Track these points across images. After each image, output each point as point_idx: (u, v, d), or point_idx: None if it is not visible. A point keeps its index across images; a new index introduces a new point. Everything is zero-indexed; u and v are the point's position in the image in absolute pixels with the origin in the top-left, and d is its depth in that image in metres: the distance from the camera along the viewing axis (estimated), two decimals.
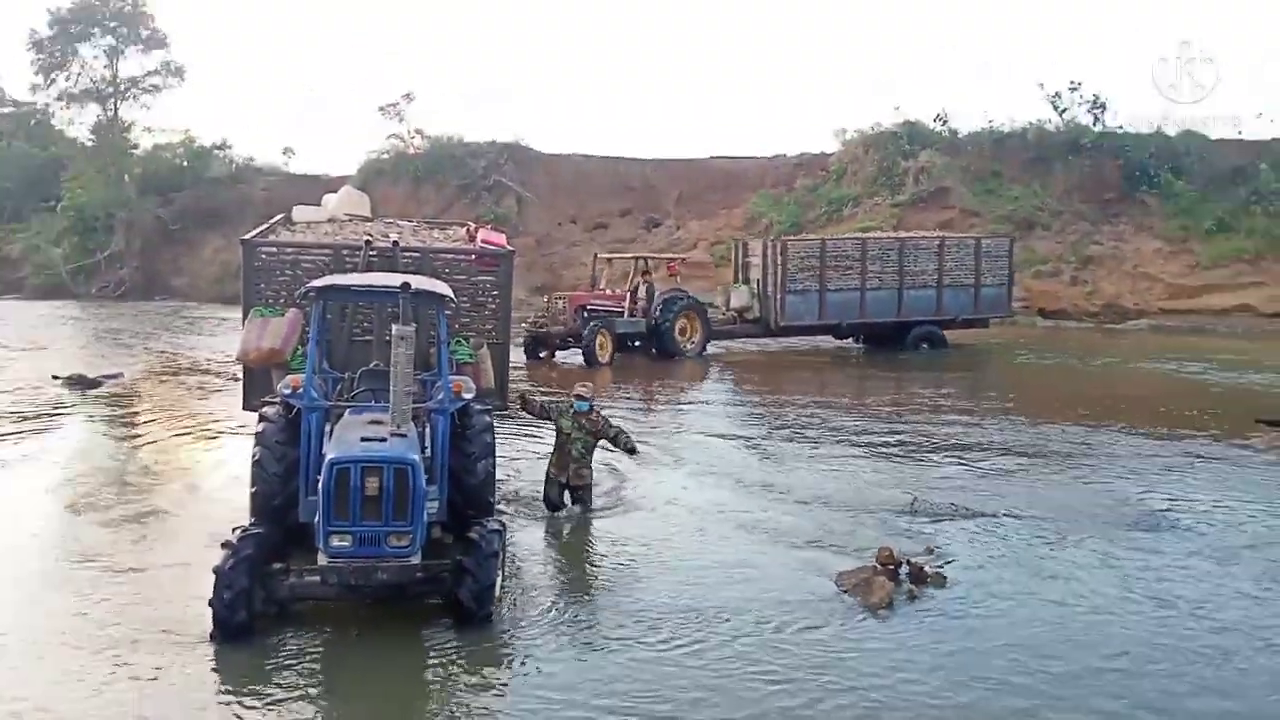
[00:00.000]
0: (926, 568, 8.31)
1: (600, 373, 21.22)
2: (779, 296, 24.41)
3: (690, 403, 18.34)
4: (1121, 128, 38.52)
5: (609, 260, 25.82)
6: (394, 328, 7.44)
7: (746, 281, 25.52)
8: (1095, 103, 39.10)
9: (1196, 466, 12.50)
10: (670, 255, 27.98)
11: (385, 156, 47.53)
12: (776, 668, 6.64)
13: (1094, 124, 39.03)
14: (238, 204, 46.04)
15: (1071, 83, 39.46)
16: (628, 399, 18.12)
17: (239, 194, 48.38)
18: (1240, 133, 37.33)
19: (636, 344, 23.63)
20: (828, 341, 26.58)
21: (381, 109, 47.98)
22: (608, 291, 24.22)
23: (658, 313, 23.35)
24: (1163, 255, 34.37)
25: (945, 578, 8.25)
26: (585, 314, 22.67)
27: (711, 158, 47.49)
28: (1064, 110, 39.44)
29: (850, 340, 26.53)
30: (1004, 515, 10.22)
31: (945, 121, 41.10)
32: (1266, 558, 8.92)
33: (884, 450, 13.50)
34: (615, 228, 45.44)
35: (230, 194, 48.61)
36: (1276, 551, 9.12)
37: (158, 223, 48.59)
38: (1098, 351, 25.72)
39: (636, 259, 25.10)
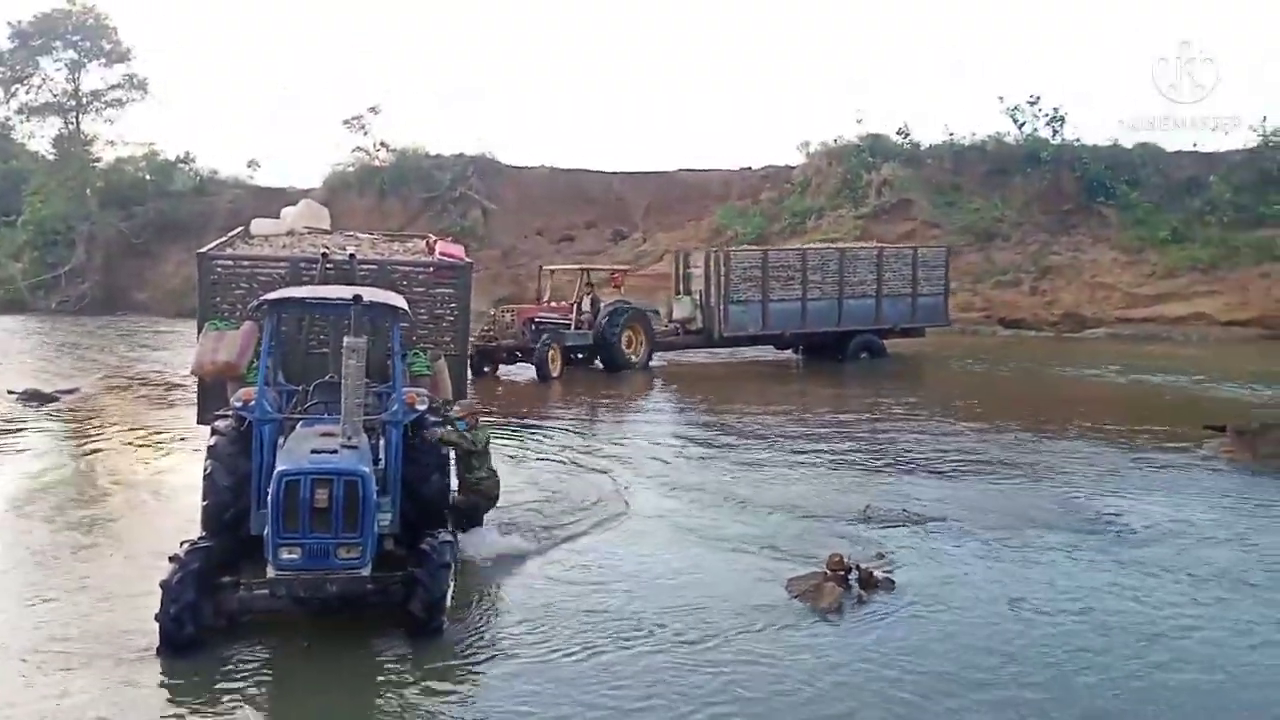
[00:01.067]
0: (876, 573, 8.44)
1: (550, 387, 21.15)
2: (722, 307, 24.49)
3: (640, 414, 18.40)
4: (1079, 140, 39.20)
5: (552, 272, 25.52)
6: (345, 340, 7.47)
7: (689, 292, 25.53)
8: (1054, 116, 39.78)
9: (1144, 472, 12.75)
10: (614, 266, 27.44)
11: (350, 169, 47.36)
12: (715, 672, 6.74)
13: (1052, 136, 39.68)
14: (202, 217, 45.64)
15: (1030, 96, 40.18)
16: (578, 412, 18.17)
17: (203, 207, 48.00)
18: (1195, 145, 38.08)
19: (579, 356, 23.36)
20: (768, 352, 26.67)
21: (346, 122, 47.91)
22: (552, 304, 23.97)
23: (604, 324, 23.14)
24: (1119, 265, 34.94)
25: (894, 583, 8.38)
26: (534, 327, 22.33)
27: (678, 170, 47.78)
28: (1023, 124, 40.10)
29: (790, 351, 26.58)
30: (954, 521, 10.38)
31: (907, 134, 41.68)
32: (1212, 565, 9.14)
33: (837, 458, 13.66)
34: (582, 240, 45.56)
35: (194, 207, 48.21)
36: (1216, 554, 9.34)
37: (120, 236, 48.06)
38: (1053, 360, 26.10)
39: (581, 270, 24.85)
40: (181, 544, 7.30)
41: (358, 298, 7.86)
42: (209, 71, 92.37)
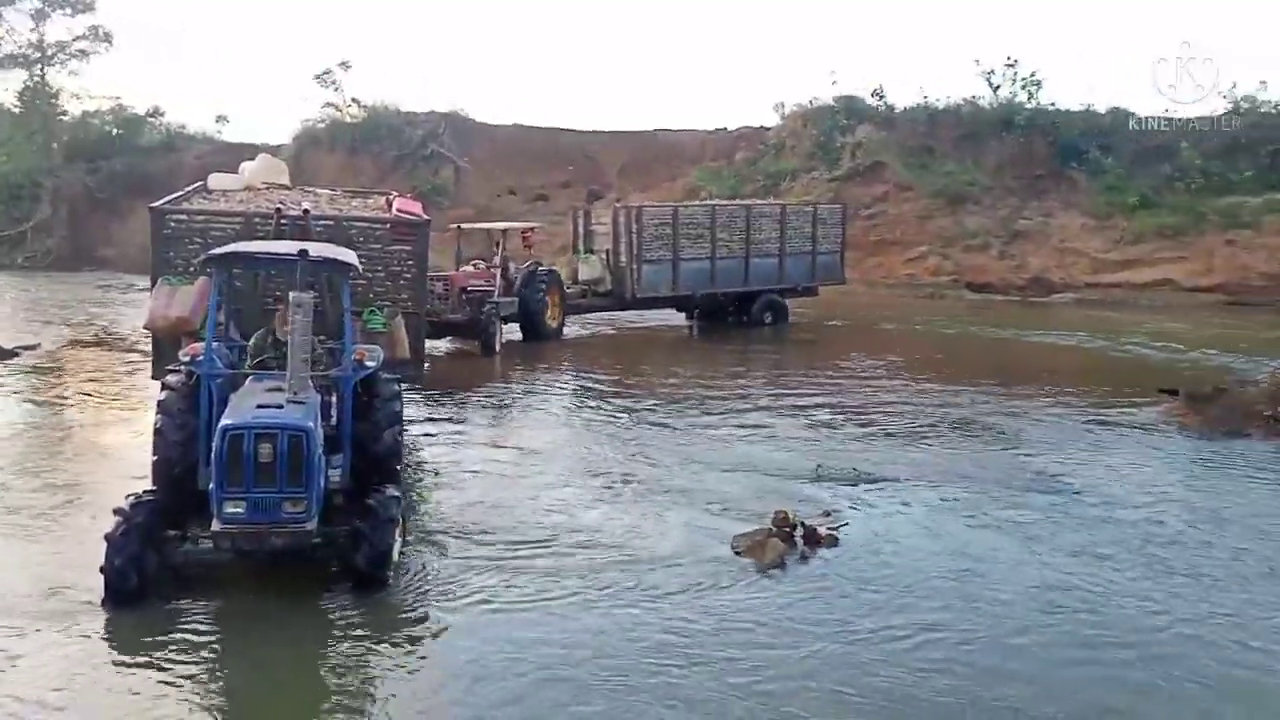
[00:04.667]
0: (821, 530, 8.58)
1: (490, 361, 18.98)
2: (635, 267, 22.84)
3: (574, 378, 17.49)
4: (1053, 104, 39.16)
5: (462, 230, 22.49)
6: (291, 295, 7.47)
7: (590, 251, 23.95)
8: (1030, 80, 39.70)
9: (1095, 434, 12.96)
10: (524, 224, 23.80)
11: (321, 125, 46.68)
12: (651, 623, 6.94)
13: (1028, 100, 39.61)
14: (169, 172, 44.84)
15: (1007, 59, 40.02)
16: (522, 382, 17.23)
17: (171, 162, 47.21)
18: (1166, 111, 38.13)
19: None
20: (646, 316, 24.99)
21: (317, 77, 47.08)
22: (468, 269, 20.99)
23: (524, 289, 20.75)
24: (1088, 230, 35.05)
25: (838, 540, 8.52)
26: (465, 296, 19.76)
27: (655, 130, 47.43)
28: (998, 87, 40.00)
29: (684, 315, 25.08)
30: (905, 480, 10.56)
31: (882, 97, 41.43)
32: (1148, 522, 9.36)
33: (788, 418, 13.76)
34: (556, 199, 45.21)
35: (162, 162, 47.43)
36: (1157, 514, 9.57)
37: (86, 191, 47.24)
38: (1017, 324, 26.23)
39: (503, 231, 21.95)
40: (127, 497, 7.34)
41: (304, 252, 7.83)
42: (176, 24, 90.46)
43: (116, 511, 7.11)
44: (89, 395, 15.08)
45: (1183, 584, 7.79)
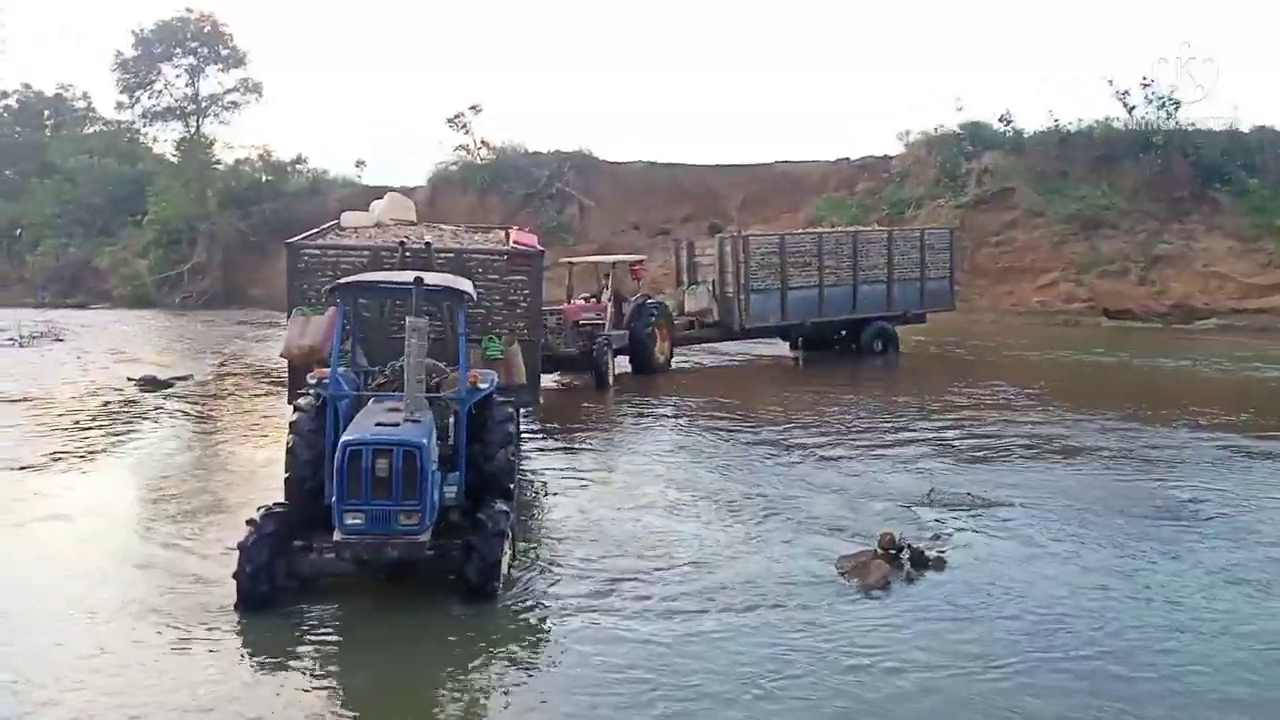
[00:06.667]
0: (928, 552, 8.48)
1: (602, 392, 18.94)
2: (743, 296, 22.72)
3: (684, 407, 17.18)
4: (1193, 125, 37.55)
5: (572, 264, 22.68)
6: (407, 320, 7.90)
7: (695, 282, 23.58)
8: (1167, 99, 38.19)
9: (1236, 460, 12.40)
10: (633, 257, 23.33)
11: (453, 167, 48.61)
12: (749, 643, 6.99)
13: (1165, 120, 38.11)
14: (314, 216, 47.29)
15: (1143, 78, 38.63)
16: (636, 410, 17.61)
17: (315, 205, 49.83)
18: None
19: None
20: (741, 347, 24.70)
21: (449, 121, 49.06)
22: (578, 302, 21.27)
23: (633, 322, 20.73)
24: (1234, 254, 33.41)
25: (945, 562, 8.42)
26: (578, 330, 19.97)
27: (775, 162, 47.54)
28: (1133, 108, 38.61)
29: (788, 346, 24.53)
30: (1023, 506, 10.31)
31: (1009, 122, 40.56)
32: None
33: (906, 443, 13.61)
34: (678, 233, 45.57)
35: (306, 206, 50.10)
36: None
37: (238, 235, 50.38)
38: (1160, 352, 25.13)
39: (598, 263, 22.63)
40: (259, 509, 7.85)
41: (419, 280, 8.28)
42: (318, 74, 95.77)
43: (249, 522, 7.62)
44: (231, 420, 16.08)
45: None
